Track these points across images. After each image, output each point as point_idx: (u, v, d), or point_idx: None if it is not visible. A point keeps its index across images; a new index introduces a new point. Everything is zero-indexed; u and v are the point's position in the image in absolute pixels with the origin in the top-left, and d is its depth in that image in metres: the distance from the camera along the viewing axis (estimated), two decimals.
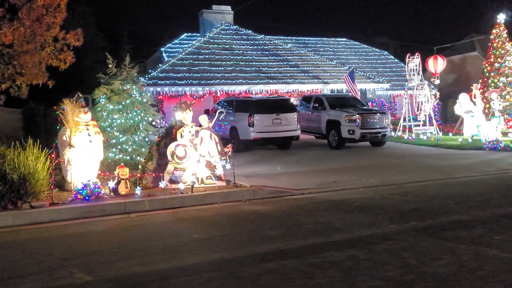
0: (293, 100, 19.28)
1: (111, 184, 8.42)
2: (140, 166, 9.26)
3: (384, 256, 4.73)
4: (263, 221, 6.64)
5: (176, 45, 29.10)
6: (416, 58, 19.86)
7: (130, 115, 10.94)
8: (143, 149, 10.78)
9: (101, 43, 30.66)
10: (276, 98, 17.56)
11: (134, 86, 11.17)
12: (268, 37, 27.63)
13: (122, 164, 9.28)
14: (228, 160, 9.51)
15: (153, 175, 9.21)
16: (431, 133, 18.93)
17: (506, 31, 21.90)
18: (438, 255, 4.69)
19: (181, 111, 9.59)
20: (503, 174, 10.54)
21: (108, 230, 6.62)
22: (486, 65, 22.54)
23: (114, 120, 10.83)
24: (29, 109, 17.78)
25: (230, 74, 22.60)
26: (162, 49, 28.87)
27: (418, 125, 19.34)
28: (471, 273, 4.17)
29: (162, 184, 8.72)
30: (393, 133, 19.23)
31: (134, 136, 10.90)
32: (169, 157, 9.18)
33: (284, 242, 5.44)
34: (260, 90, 22.54)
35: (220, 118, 10.26)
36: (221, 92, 21.73)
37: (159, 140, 9.79)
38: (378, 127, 16.28)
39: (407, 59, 20.17)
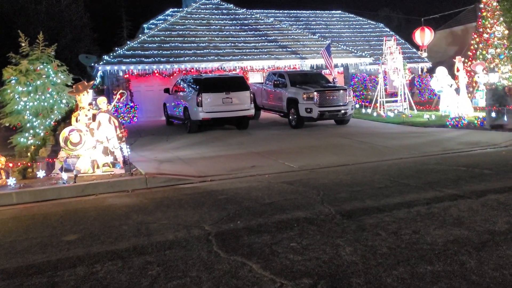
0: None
1: None
2: (29, 154, 8.70)
3: (175, 264, 4.02)
4: (94, 219, 5.97)
5: (160, 21, 28.19)
6: (389, 41, 18.56)
7: (43, 97, 10.37)
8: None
9: (80, 21, 29.90)
10: (227, 76, 16.66)
11: (49, 66, 10.56)
12: (250, 11, 26.42)
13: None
14: (125, 145, 8.86)
15: (44, 162, 8.60)
16: (400, 110, 17.78)
17: (496, 0, 20.22)
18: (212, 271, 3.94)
19: (77, 93, 8.92)
20: (442, 156, 9.54)
21: None
22: (475, 36, 20.97)
23: (27, 103, 10.28)
24: None
25: (202, 51, 21.71)
26: (145, 25, 28.00)
27: (392, 102, 18.19)
28: None
29: (40, 174, 8.13)
30: (363, 110, 18.17)
31: (47, 119, 10.36)
32: (62, 143, 8.57)
33: (79, 248, 4.76)
34: (233, 66, 21.62)
35: (122, 100, 9.59)
36: (192, 70, 20.92)
37: (55, 124, 9.19)
38: (338, 104, 15.28)
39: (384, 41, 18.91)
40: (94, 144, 8.76)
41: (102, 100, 9.05)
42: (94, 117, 8.94)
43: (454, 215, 5.00)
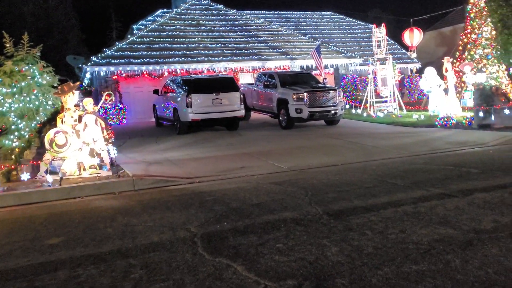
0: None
1: None
2: (13, 156, 8.57)
3: (156, 267, 3.96)
4: (80, 222, 5.89)
5: (149, 22, 28.02)
6: (382, 29, 18.60)
7: (29, 98, 10.22)
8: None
9: (68, 22, 29.65)
10: (217, 77, 16.59)
11: (34, 67, 10.42)
12: (240, 12, 26.37)
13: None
14: (112, 147, 8.77)
15: (28, 165, 8.48)
16: (389, 111, 17.86)
17: (484, 0, 20.32)
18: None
19: (63, 94, 8.81)
20: (430, 155, 9.57)
21: None
22: (463, 37, 21.10)
23: (12, 105, 10.13)
24: None
25: (192, 52, 21.62)
26: (134, 26, 27.82)
27: (381, 102, 18.26)
28: None
29: (24, 177, 8.01)
30: (353, 111, 18.22)
31: (33, 121, 10.20)
32: (47, 145, 8.46)
33: (62, 251, 4.69)
34: (224, 67, 21.55)
35: (109, 101, 9.50)
36: (181, 71, 20.81)
37: (40, 126, 9.07)
38: (328, 105, 15.28)
39: (373, 30, 18.93)
40: (80, 146, 8.65)
41: (88, 101, 8.94)
42: (80, 118, 8.83)
43: (440, 214, 5.00)
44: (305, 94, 14.94)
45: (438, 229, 4.49)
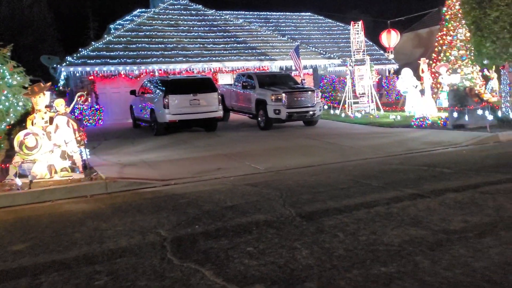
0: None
1: None
2: None
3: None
4: (45, 228, 5.72)
5: (127, 22, 27.65)
6: (359, 26, 18.72)
7: None
8: None
9: (43, 21, 29.01)
10: (195, 78, 16.48)
11: (4, 67, 10.11)
12: (219, 12, 26.25)
13: None
14: (84, 149, 8.57)
15: None
16: (367, 111, 18.01)
17: (458, 2, 20.68)
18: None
19: (33, 95, 8.58)
20: (405, 156, 9.65)
21: None
22: (439, 38, 21.44)
23: None
24: None
25: (170, 52, 21.40)
26: (111, 26, 27.43)
27: (358, 102, 18.40)
28: None
29: None
30: (332, 111, 18.32)
31: (2, 123, 9.91)
32: (17, 148, 8.20)
33: (26, 258, 4.53)
34: (202, 68, 21.41)
35: (81, 102, 9.32)
36: (159, 71, 20.58)
37: (9, 128, 8.81)
38: (306, 105, 15.31)
39: (351, 27, 19.04)
40: (51, 148, 8.44)
41: (59, 103, 8.72)
42: (51, 120, 8.61)
43: (412, 215, 5.01)
44: (283, 94, 14.93)
45: (409, 230, 4.50)
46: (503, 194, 5.66)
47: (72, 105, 9.25)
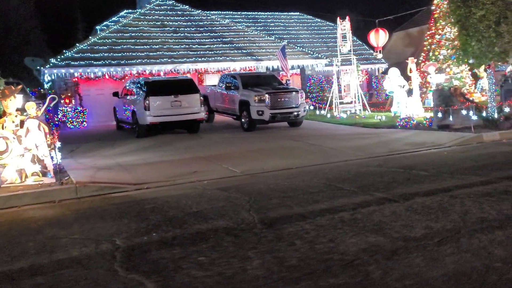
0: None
1: None
2: None
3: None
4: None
5: (112, 23, 27.39)
6: (346, 22, 18.59)
7: None
8: None
9: (29, 22, 28.70)
10: (176, 79, 16.28)
11: None
12: (206, 12, 26.05)
13: None
14: (56, 152, 8.38)
15: None
16: (353, 112, 17.90)
17: (447, 1, 20.60)
18: None
19: (3, 98, 8.36)
20: (386, 157, 9.51)
21: None
22: (428, 37, 21.34)
23: None
24: None
25: (155, 53, 21.18)
26: (98, 27, 27.15)
27: (345, 103, 18.28)
28: None
29: None
30: (317, 112, 18.20)
31: None
32: None
33: None
34: (188, 69, 21.20)
35: (52, 105, 9.12)
36: (144, 73, 20.35)
37: None
38: (290, 106, 15.15)
39: (338, 23, 18.90)
40: (22, 152, 8.24)
41: (30, 106, 8.51)
42: (22, 123, 8.41)
43: (375, 221, 4.87)
44: (267, 95, 14.77)
45: (368, 237, 4.35)
46: (472, 198, 5.54)
47: (43, 108, 9.04)
